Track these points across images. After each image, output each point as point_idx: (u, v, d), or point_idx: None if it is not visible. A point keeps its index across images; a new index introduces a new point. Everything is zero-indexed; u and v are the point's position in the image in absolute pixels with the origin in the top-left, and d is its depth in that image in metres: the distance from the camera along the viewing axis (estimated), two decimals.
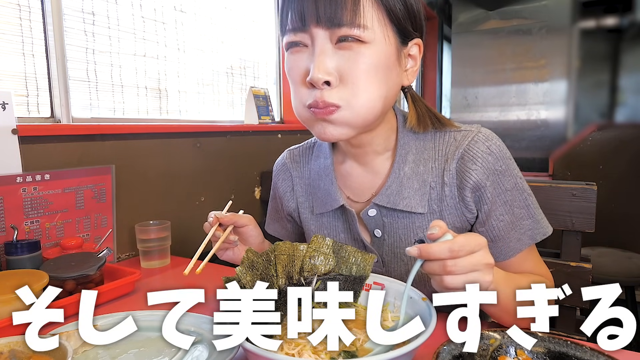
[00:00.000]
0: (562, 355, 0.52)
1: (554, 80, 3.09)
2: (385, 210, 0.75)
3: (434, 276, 0.55)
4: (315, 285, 0.66)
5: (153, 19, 1.56)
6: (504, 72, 3.24)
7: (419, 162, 0.74)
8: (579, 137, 2.93)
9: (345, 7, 0.60)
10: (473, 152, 0.70)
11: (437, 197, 0.73)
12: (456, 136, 0.73)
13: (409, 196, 0.73)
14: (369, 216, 0.76)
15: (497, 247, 0.73)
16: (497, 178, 0.70)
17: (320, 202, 0.83)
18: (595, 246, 2.34)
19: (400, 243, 0.76)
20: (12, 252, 0.94)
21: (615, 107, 2.94)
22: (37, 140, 1.12)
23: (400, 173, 0.74)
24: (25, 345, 0.55)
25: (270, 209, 0.97)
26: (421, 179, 0.73)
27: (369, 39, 0.62)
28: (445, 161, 0.72)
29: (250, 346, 0.45)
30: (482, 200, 0.71)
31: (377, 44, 0.63)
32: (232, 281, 0.57)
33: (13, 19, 1.17)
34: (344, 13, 0.60)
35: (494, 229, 0.72)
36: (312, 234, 0.82)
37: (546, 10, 3.06)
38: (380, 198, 0.74)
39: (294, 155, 0.91)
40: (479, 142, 0.71)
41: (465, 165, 0.70)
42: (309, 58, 0.64)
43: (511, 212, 0.72)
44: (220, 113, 1.91)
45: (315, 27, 0.62)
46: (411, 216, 0.74)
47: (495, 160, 0.70)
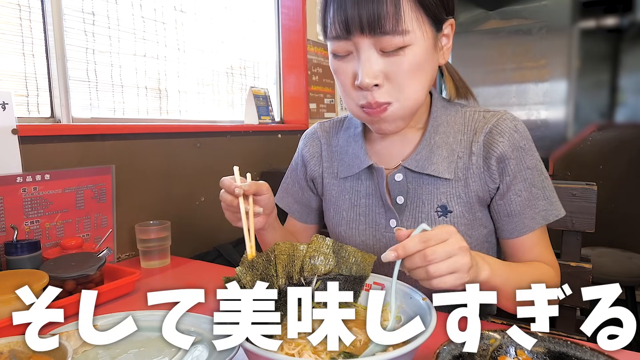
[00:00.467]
0: (562, 355, 0.52)
1: (554, 80, 3.08)
2: (411, 175, 0.78)
3: (417, 272, 0.56)
4: (315, 285, 0.66)
5: (153, 19, 1.56)
6: (504, 72, 3.24)
7: (449, 133, 0.78)
8: (579, 137, 2.93)
9: (388, 15, 0.63)
10: (501, 127, 0.75)
11: (463, 166, 0.77)
12: (485, 115, 0.78)
13: (437, 162, 0.77)
14: (395, 181, 0.79)
15: (511, 222, 0.77)
16: (520, 154, 0.75)
17: (347, 165, 0.85)
18: (595, 246, 2.34)
19: (423, 207, 0.78)
20: (12, 252, 0.94)
21: (615, 107, 2.94)
22: (37, 140, 1.12)
23: (430, 141, 0.78)
24: (25, 345, 0.55)
25: (287, 181, 0.98)
26: (450, 148, 0.77)
27: (410, 41, 0.66)
28: (474, 134, 0.77)
29: (250, 346, 0.45)
30: (505, 171, 0.75)
31: (417, 43, 0.66)
32: (232, 281, 0.57)
33: (13, 19, 1.17)
34: (386, 22, 0.63)
35: (512, 204, 0.76)
36: (331, 202, 0.89)
37: (546, 10, 3.06)
38: (409, 162, 0.77)
39: (325, 127, 0.94)
40: (507, 120, 0.76)
41: (493, 137, 0.75)
42: (355, 63, 0.68)
43: (529, 190, 0.75)
44: (220, 113, 1.91)
45: (360, 36, 0.65)
46: (437, 182, 0.77)
47: (520, 138, 0.75)
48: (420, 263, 0.54)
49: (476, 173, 0.76)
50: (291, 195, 0.96)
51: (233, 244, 1.63)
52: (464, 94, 0.82)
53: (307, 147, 0.93)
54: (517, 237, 0.77)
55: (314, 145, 0.93)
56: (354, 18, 0.64)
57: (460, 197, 0.77)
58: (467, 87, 0.83)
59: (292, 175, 0.97)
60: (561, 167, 2.93)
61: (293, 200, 0.96)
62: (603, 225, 1.17)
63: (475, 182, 0.76)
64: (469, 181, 0.76)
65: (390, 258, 0.55)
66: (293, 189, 0.96)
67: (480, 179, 0.76)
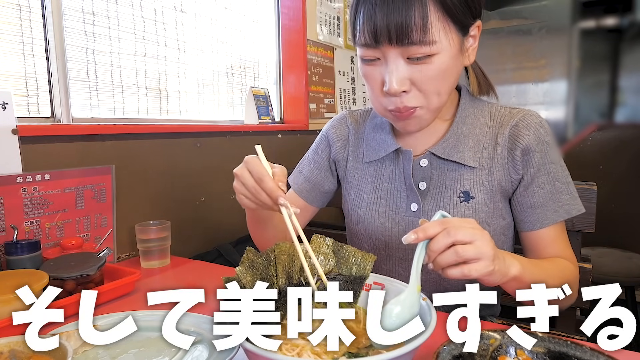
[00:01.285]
0: (562, 355, 0.52)
1: (554, 80, 3.08)
2: (437, 162, 0.81)
3: (445, 255, 0.55)
4: (315, 285, 0.66)
5: (153, 19, 1.56)
6: (504, 72, 3.24)
7: (475, 125, 0.81)
8: (579, 137, 2.93)
9: (416, 26, 0.65)
10: (527, 121, 0.78)
11: (488, 155, 0.79)
12: (512, 111, 0.81)
13: (464, 150, 0.79)
14: (420, 166, 0.81)
15: (535, 214, 0.79)
16: (545, 148, 0.77)
17: (373, 150, 0.87)
18: (595, 246, 2.34)
19: (446, 192, 0.80)
20: (12, 252, 0.94)
21: (615, 107, 2.94)
22: (37, 140, 1.12)
23: (458, 131, 0.80)
24: (25, 345, 0.55)
25: (303, 162, 0.99)
26: (476, 139, 0.80)
27: (437, 50, 0.67)
28: (500, 126, 0.80)
29: (250, 346, 0.45)
30: (529, 163, 0.77)
31: (443, 52, 0.68)
32: (232, 281, 0.56)
33: (13, 19, 1.17)
34: (414, 32, 0.65)
35: (535, 195, 0.78)
36: (353, 184, 0.90)
37: (546, 10, 3.05)
38: (436, 149, 0.80)
39: (353, 115, 0.97)
40: (533, 116, 0.79)
41: (519, 130, 0.78)
42: (383, 68, 0.71)
43: (552, 184, 0.78)
44: (220, 113, 1.91)
45: (388, 45, 0.67)
46: (461, 169, 0.79)
47: (545, 133, 0.78)
48: (445, 241, 0.54)
49: (500, 163, 0.78)
50: (303, 175, 0.97)
51: (233, 244, 1.63)
52: (486, 91, 0.85)
53: (334, 129, 0.95)
54: (539, 228, 0.78)
55: (341, 129, 0.95)
56: (382, 29, 0.66)
57: (483, 184, 0.78)
58: (490, 84, 0.85)
59: (311, 157, 0.98)
60: None
61: (304, 179, 0.97)
62: (603, 225, 1.17)
63: (499, 171, 0.79)
64: (492, 170, 0.79)
65: (411, 240, 0.56)
66: (307, 168, 0.97)
67: (504, 169, 0.78)
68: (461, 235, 0.55)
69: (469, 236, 0.55)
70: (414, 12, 0.65)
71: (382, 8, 0.66)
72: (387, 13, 0.65)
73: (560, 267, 0.76)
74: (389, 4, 0.65)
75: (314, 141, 1.00)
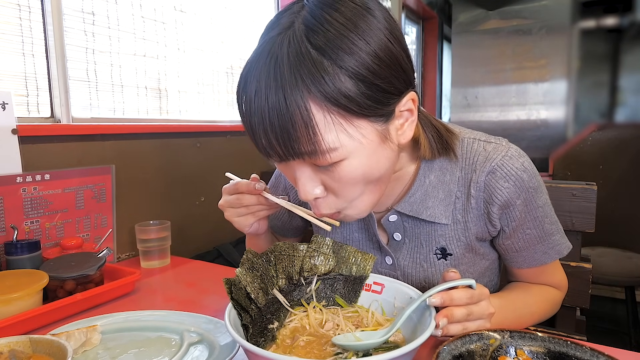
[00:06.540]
0: (562, 355, 0.52)
1: (554, 80, 3.08)
2: (407, 217, 0.72)
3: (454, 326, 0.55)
4: (315, 285, 0.66)
5: (153, 19, 1.56)
6: (504, 72, 3.24)
7: (445, 170, 0.70)
8: (579, 137, 2.93)
9: (302, 139, 0.52)
10: (507, 168, 0.66)
11: (462, 207, 0.70)
12: (486, 147, 0.69)
13: (433, 206, 0.69)
14: (390, 222, 0.73)
15: (520, 256, 0.73)
16: (530, 195, 0.68)
17: None
18: (595, 246, 2.34)
19: (422, 249, 0.72)
20: (12, 252, 0.94)
21: (615, 107, 2.94)
22: (37, 140, 1.12)
23: (425, 181, 0.70)
24: (25, 345, 0.55)
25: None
26: (447, 189, 0.69)
27: (341, 156, 0.54)
28: (473, 171, 0.68)
29: (250, 346, 0.45)
30: (509, 217, 0.68)
31: (353, 154, 0.55)
32: (232, 282, 0.57)
33: (13, 19, 1.17)
34: (302, 146, 0.52)
35: (520, 241, 0.71)
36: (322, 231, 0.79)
37: (546, 10, 3.06)
38: (403, 206, 0.70)
39: None
40: (513, 158, 0.67)
41: (497, 181, 0.66)
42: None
43: (541, 227, 0.71)
44: (220, 113, 1.91)
45: (284, 159, 0.56)
46: (434, 225, 0.71)
47: (529, 178, 0.67)
48: (459, 317, 0.55)
49: (476, 215, 0.69)
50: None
51: (233, 244, 1.63)
52: (444, 151, 0.68)
53: None
54: (527, 267, 0.74)
55: None
56: (268, 148, 0.55)
57: (460, 239, 0.71)
58: (449, 144, 0.68)
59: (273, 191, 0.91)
60: (561, 167, 2.93)
61: (273, 216, 0.92)
62: (603, 225, 1.17)
63: (475, 224, 0.70)
64: (468, 224, 0.70)
65: (437, 304, 0.55)
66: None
67: (480, 221, 0.70)
68: (476, 316, 0.57)
69: (479, 316, 0.57)
70: (294, 121, 0.51)
71: (260, 121, 0.53)
72: (265, 132, 0.53)
73: (543, 297, 0.75)
74: (264, 115, 0.52)
75: None
